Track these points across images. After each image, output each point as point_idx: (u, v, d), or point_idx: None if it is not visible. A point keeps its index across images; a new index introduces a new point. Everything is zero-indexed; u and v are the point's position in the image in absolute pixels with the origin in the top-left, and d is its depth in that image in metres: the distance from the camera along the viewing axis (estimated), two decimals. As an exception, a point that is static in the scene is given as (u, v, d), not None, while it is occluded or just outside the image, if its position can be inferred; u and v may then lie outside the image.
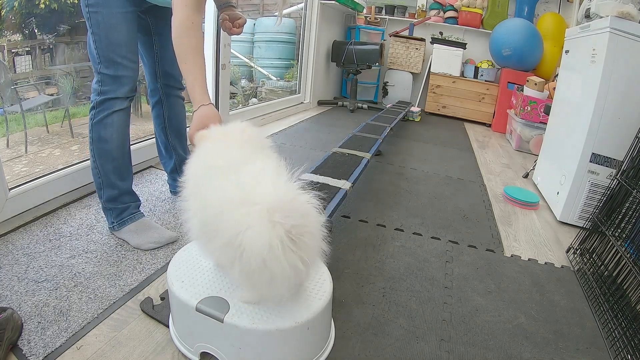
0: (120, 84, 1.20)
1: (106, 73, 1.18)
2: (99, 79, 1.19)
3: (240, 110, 2.88)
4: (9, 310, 0.85)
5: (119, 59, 1.18)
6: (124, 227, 1.26)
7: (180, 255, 0.93)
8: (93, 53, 1.17)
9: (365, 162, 1.65)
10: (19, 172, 2.15)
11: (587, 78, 1.78)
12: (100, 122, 1.21)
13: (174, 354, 0.86)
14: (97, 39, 1.15)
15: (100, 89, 1.19)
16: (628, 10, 1.58)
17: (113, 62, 1.18)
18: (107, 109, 1.20)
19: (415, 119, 3.81)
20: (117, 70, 1.19)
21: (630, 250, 1.22)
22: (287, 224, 0.66)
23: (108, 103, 1.20)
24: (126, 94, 1.23)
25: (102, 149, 1.22)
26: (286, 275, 0.67)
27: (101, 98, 1.19)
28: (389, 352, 0.93)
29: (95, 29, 1.14)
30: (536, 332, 1.07)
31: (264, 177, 0.72)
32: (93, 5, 1.12)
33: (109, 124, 1.21)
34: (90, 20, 1.13)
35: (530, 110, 2.97)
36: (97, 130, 1.21)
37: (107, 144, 1.22)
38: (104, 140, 1.21)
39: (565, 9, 4.03)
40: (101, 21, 1.14)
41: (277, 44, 4.32)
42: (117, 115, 1.22)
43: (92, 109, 1.21)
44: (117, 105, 1.22)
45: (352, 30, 4.35)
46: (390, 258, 1.33)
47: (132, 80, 1.23)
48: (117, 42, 1.17)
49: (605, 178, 1.66)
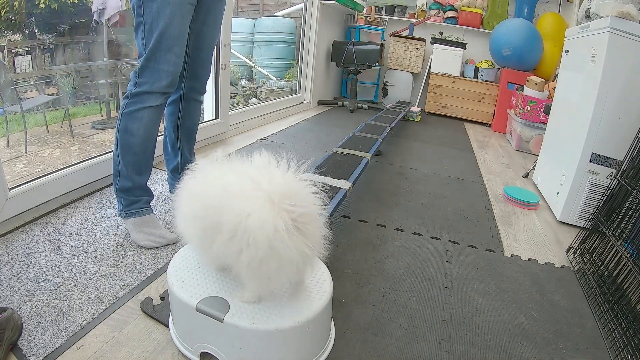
0: (158, 78, 1.17)
1: (146, 65, 1.15)
2: (137, 70, 1.17)
3: (240, 110, 2.88)
4: (9, 310, 0.85)
5: (163, 52, 1.15)
6: (129, 218, 1.25)
7: (180, 255, 0.93)
8: (139, 41, 1.15)
9: (365, 162, 1.65)
10: (19, 172, 2.15)
11: (587, 78, 1.78)
12: (130, 114, 1.19)
13: (174, 354, 0.86)
14: (145, 28, 1.12)
15: (137, 80, 1.17)
16: (628, 10, 1.58)
17: (155, 54, 1.15)
18: (139, 103, 1.18)
19: (415, 119, 3.81)
20: (158, 62, 1.16)
21: (630, 250, 1.22)
22: (293, 212, 0.67)
23: (142, 97, 1.18)
24: (162, 89, 1.19)
25: (126, 141, 1.20)
26: (294, 259, 0.68)
27: (136, 90, 1.17)
28: (389, 352, 0.93)
29: (147, 18, 1.12)
30: (536, 332, 1.07)
31: (270, 169, 0.73)
32: None
33: (138, 118, 1.19)
34: (142, 7, 1.10)
35: (530, 110, 2.97)
36: (125, 121, 1.19)
37: (132, 137, 1.20)
38: (129, 132, 1.19)
39: (565, 9, 4.03)
40: (154, 10, 1.11)
41: (277, 44, 4.32)
42: (149, 111, 1.19)
43: (126, 98, 1.19)
44: (151, 101, 1.19)
45: (352, 30, 4.35)
46: (390, 258, 1.33)
47: (172, 75, 1.19)
48: (165, 34, 1.14)
49: (605, 178, 1.66)
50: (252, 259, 0.69)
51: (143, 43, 1.14)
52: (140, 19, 1.13)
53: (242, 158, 0.80)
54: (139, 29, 1.14)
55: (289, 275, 0.72)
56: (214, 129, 2.36)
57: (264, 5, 5.07)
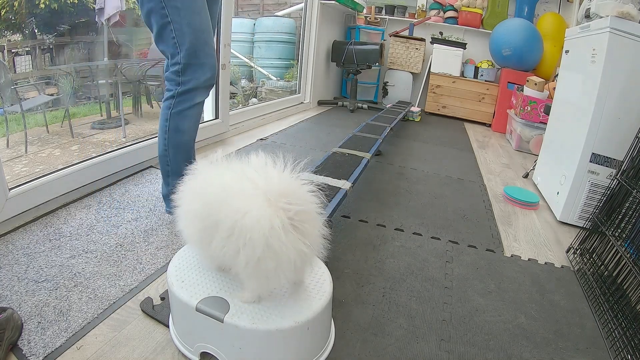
0: (203, 72, 1.19)
1: (188, 62, 1.16)
2: (177, 69, 1.17)
3: (240, 110, 2.88)
4: (9, 310, 0.85)
5: (201, 46, 1.16)
6: None
7: (180, 255, 0.93)
8: (169, 42, 1.14)
9: (365, 162, 1.65)
10: (19, 172, 2.15)
11: (587, 78, 1.78)
12: (180, 114, 1.20)
13: (174, 354, 0.86)
14: (176, 27, 1.11)
15: (180, 79, 1.17)
16: (628, 10, 1.58)
17: (195, 50, 1.15)
18: (188, 100, 1.20)
19: (415, 119, 3.81)
20: (199, 57, 1.16)
21: (630, 250, 1.22)
22: (290, 211, 0.68)
23: (190, 94, 1.19)
24: (207, 82, 1.21)
25: (179, 140, 1.22)
26: (291, 257, 0.68)
27: (182, 88, 1.18)
28: (389, 352, 0.93)
29: (175, 17, 1.11)
30: (536, 332, 1.07)
31: (267, 169, 0.73)
32: None
33: (188, 116, 1.21)
34: (166, 8, 1.10)
35: (530, 110, 2.97)
36: (175, 121, 1.21)
37: (184, 136, 1.22)
38: (181, 131, 1.21)
39: (565, 9, 4.03)
40: (180, 7, 1.10)
41: (277, 44, 4.32)
42: (197, 108, 1.22)
43: (171, 98, 1.19)
44: (199, 96, 1.22)
45: (352, 30, 4.35)
46: (390, 258, 1.33)
47: (214, 67, 1.22)
48: (199, 29, 1.15)
49: (605, 178, 1.66)
50: (250, 258, 0.69)
51: (175, 42, 1.13)
52: (165, 19, 1.12)
53: (241, 158, 0.80)
54: (166, 29, 1.13)
55: (287, 274, 0.72)
56: (214, 129, 2.36)
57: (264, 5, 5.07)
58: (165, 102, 1.22)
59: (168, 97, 1.21)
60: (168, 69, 1.21)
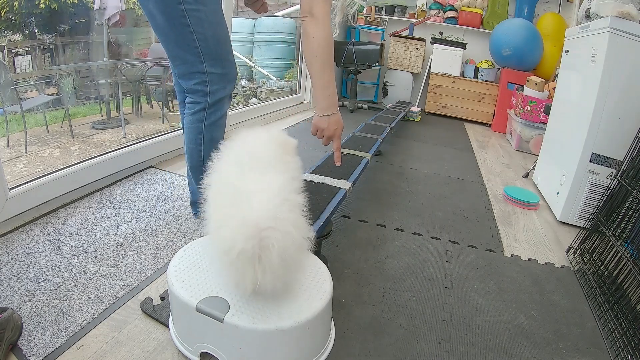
0: (228, 81, 1.21)
1: (214, 72, 1.17)
2: (204, 80, 1.17)
3: (240, 110, 2.88)
4: (9, 310, 0.85)
5: (225, 55, 1.18)
6: None
7: (180, 255, 0.93)
8: (189, 50, 1.13)
9: (365, 162, 1.65)
10: (19, 172, 2.15)
11: (587, 78, 1.78)
12: (214, 124, 1.22)
13: (174, 354, 0.86)
14: (201, 38, 1.12)
15: (208, 90, 1.18)
16: (628, 10, 1.58)
17: (220, 60, 1.17)
18: (219, 110, 1.22)
19: (415, 119, 3.81)
20: (224, 67, 1.18)
21: (630, 250, 1.22)
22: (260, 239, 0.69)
23: (219, 104, 1.22)
24: (231, 91, 1.24)
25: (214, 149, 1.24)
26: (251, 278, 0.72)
27: (213, 99, 1.19)
28: (389, 352, 0.93)
29: (199, 28, 1.11)
30: (536, 332, 1.07)
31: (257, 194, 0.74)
32: (190, 2, 1.08)
33: (220, 125, 1.25)
34: (188, 18, 1.09)
35: (530, 110, 2.97)
36: (210, 132, 1.22)
37: (217, 144, 1.23)
38: (216, 141, 1.23)
39: (565, 9, 4.02)
40: (204, 19, 1.11)
41: (277, 44, 4.32)
42: (225, 116, 1.26)
43: (202, 110, 1.20)
44: (226, 105, 1.25)
45: (352, 30, 4.35)
46: (390, 258, 1.33)
47: (236, 76, 1.25)
48: (222, 39, 1.17)
49: (605, 178, 1.66)
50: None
51: (198, 52, 1.14)
52: (188, 28, 1.11)
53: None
54: (187, 39, 1.12)
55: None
56: (214, 129, 2.36)
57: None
58: (196, 115, 1.21)
59: (198, 109, 1.21)
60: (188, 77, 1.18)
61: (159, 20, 1.12)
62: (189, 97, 1.22)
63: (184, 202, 1.54)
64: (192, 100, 1.21)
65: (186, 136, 1.27)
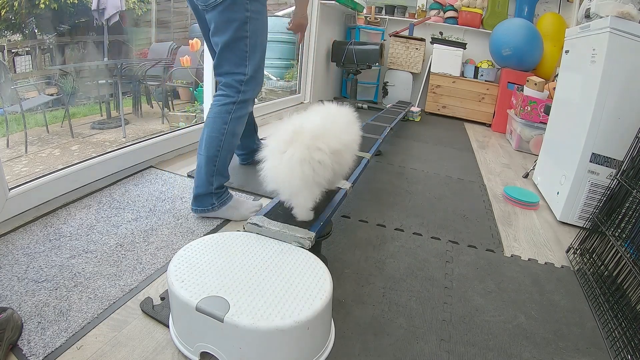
0: (257, 85, 1.33)
1: (252, 75, 1.28)
2: (242, 79, 1.28)
3: (240, 110, 2.87)
4: (9, 310, 0.85)
5: (262, 63, 1.30)
6: (224, 205, 1.40)
7: (180, 255, 0.93)
8: (239, 54, 1.24)
9: (365, 162, 1.65)
10: (19, 172, 2.16)
11: (587, 78, 1.78)
12: (238, 119, 1.32)
13: (174, 354, 0.86)
14: (251, 43, 1.23)
15: (242, 88, 1.29)
16: (628, 10, 1.58)
17: (258, 66, 1.29)
18: (245, 108, 1.33)
19: (415, 119, 3.81)
20: (258, 73, 1.30)
21: (630, 250, 1.22)
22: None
23: (247, 103, 1.32)
24: (256, 96, 1.37)
25: (232, 143, 1.34)
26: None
27: (242, 97, 1.30)
28: (389, 352, 0.93)
29: (252, 34, 1.22)
30: (536, 332, 1.07)
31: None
32: (255, 11, 1.18)
33: (243, 123, 1.37)
34: (248, 24, 1.19)
35: (530, 110, 2.97)
36: (233, 125, 1.31)
37: (236, 139, 1.35)
38: (236, 135, 1.33)
39: (565, 9, 4.02)
40: (258, 27, 1.22)
41: (277, 44, 4.32)
42: (247, 116, 1.37)
43: (232, 104, 1.30)
44: (251, 105, 1.36)
45: (352, 30, 4.35)
46: (390, 258, 1.33)
47: (262, 83, 1.36)
48: (264, 49, 1.30)
49: (605, 178, 1.66)
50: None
51: (246, 56, 1.24)
52: (244, 33, 1.22)
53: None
54: (240, 43, 1.23)
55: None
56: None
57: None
58: (225, 107, 1.30)
59: (228, 102, 1.30)
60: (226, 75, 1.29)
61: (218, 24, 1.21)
62: (222, 89, 1.31)
63: (184, 202, 1.54)
64: (224, 93, 1.30)
65: (209, 127, 1.33)
